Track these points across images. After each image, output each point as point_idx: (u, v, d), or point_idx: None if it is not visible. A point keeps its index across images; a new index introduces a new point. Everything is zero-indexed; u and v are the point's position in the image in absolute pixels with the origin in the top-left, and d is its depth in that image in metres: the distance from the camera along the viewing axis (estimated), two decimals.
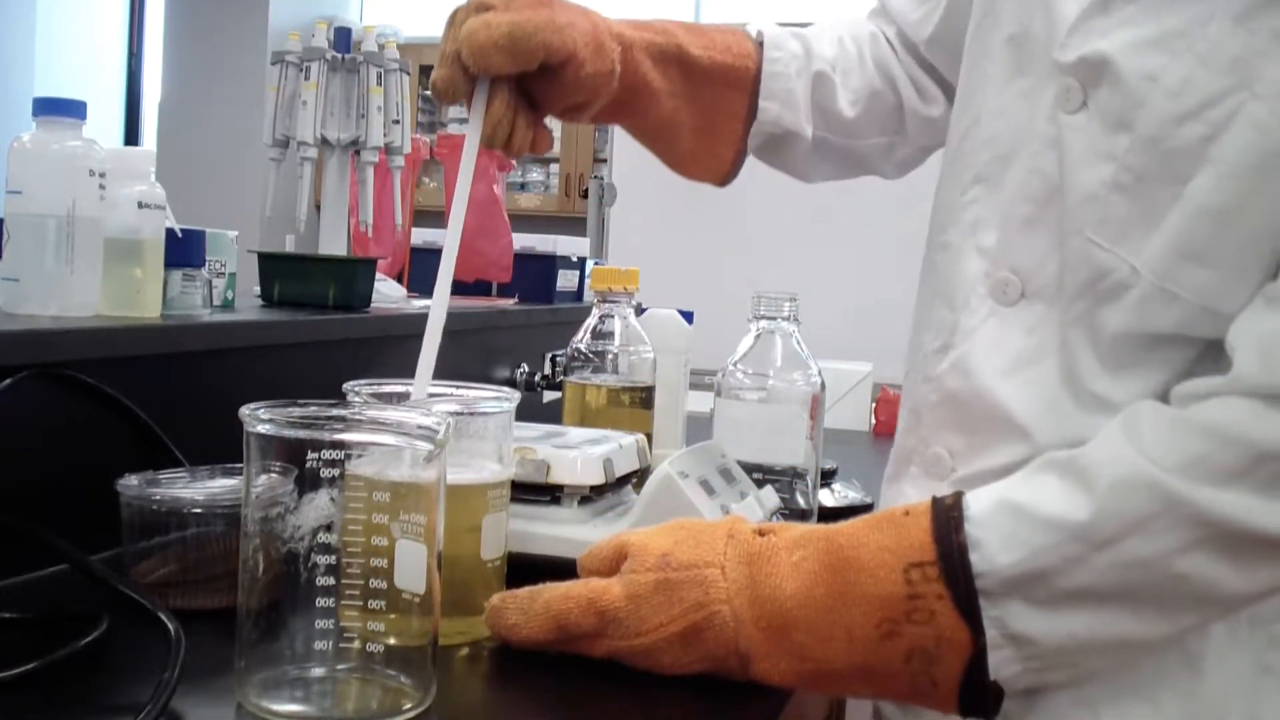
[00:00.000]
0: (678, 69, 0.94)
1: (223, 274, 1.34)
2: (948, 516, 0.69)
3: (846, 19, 1.05)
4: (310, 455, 0.65)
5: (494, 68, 0.81)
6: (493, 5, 0.82)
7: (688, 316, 1.40)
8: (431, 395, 0.85)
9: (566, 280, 2.16)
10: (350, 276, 1.49)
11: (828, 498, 1.27)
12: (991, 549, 0.67)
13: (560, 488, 0.94)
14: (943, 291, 0.84)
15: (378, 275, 1.58)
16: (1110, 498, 0.66)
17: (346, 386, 0.82)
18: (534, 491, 0.93)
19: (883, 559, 0.68)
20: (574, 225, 4.65)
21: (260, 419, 0.67)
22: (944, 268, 0.84)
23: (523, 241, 2.13)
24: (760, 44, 0.98)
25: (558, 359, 1.50)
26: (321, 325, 1.34)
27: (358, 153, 1.61)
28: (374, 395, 0.82)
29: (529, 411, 0.99)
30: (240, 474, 0.90)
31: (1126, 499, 0.65)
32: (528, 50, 0.81)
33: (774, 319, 1.18)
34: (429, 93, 0.87)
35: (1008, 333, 0.78)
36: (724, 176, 1.03)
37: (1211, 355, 0.70)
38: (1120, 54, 0.69)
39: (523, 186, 5.33)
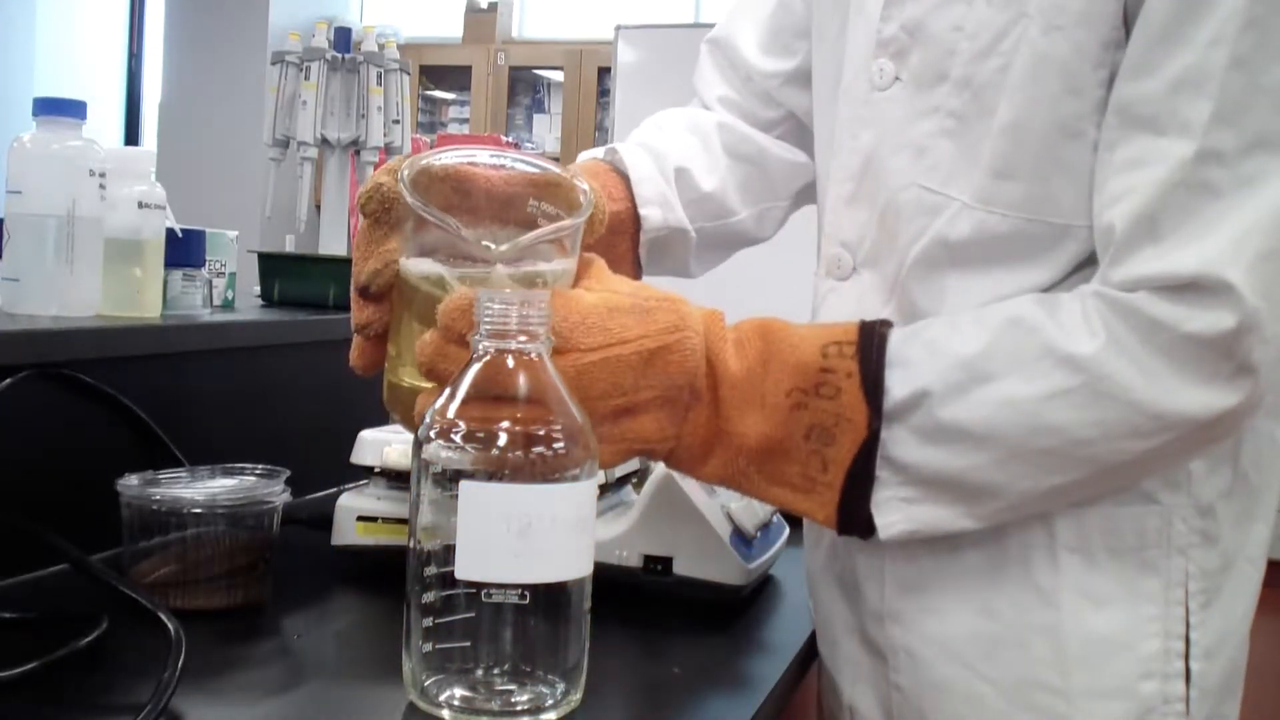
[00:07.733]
0: None
1: (223, 274, 1.34)
2: (876, 324, 0.72)
3: (680, 117, 1.01)
4: None
5: None
6: None
7: None
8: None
9: None
10: (350, 276, 1.49)
11: None
12: (903, 363, 0.70)
13: None
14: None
15: None
16: (1001, 334, 0.69)
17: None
18: None
19: (808, 334, 0.72)
20: None
21: None
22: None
23: None
24: (611, 161, 0.93)
25: None
26: (321, 325, 1.34)
27: (358, 153, 1.61)
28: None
29: None
30: (239, 474, 0.91)
31: (1016, 339, 0.69)
32: None
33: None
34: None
35: (842, 305, 0.82)
36: None
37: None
38: (929, 14, 0.76)
39: None
